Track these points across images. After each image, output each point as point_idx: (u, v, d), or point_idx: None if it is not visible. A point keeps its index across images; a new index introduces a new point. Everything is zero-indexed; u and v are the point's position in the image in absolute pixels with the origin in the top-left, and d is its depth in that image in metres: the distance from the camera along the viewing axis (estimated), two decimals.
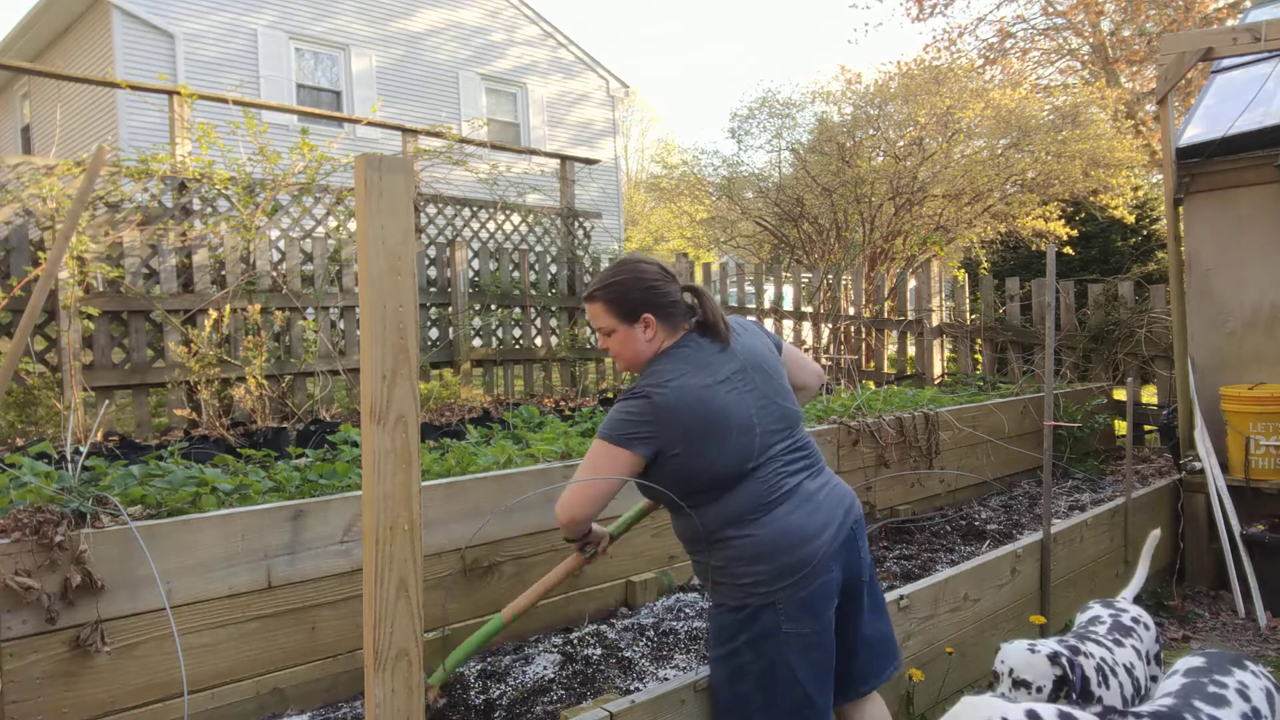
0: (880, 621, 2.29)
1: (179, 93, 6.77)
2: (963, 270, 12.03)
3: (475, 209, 8.67)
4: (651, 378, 2.12)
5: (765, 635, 2.05)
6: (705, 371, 2.11)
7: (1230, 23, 14.74)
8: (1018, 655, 2.37)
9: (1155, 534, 3.28)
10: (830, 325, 8.83)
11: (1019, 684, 2.32)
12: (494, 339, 7.97)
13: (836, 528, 2.13)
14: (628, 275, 2.20)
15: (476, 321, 7.73)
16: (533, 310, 8.20)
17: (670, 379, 2.09)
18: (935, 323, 8.17)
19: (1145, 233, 13.66)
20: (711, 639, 2.18)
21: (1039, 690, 2.30)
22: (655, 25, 66.40)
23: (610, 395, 7.91)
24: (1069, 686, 2.31)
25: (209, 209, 6.57)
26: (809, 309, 9.16)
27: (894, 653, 2.32)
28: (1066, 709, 1.86)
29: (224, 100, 6.99)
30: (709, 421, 2.06)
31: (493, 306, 7.85)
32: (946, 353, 8.27)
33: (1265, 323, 4.93)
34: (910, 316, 8.42)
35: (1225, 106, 5.20)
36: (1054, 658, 2.33)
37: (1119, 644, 2.59)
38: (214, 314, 5.90)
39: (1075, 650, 2.44)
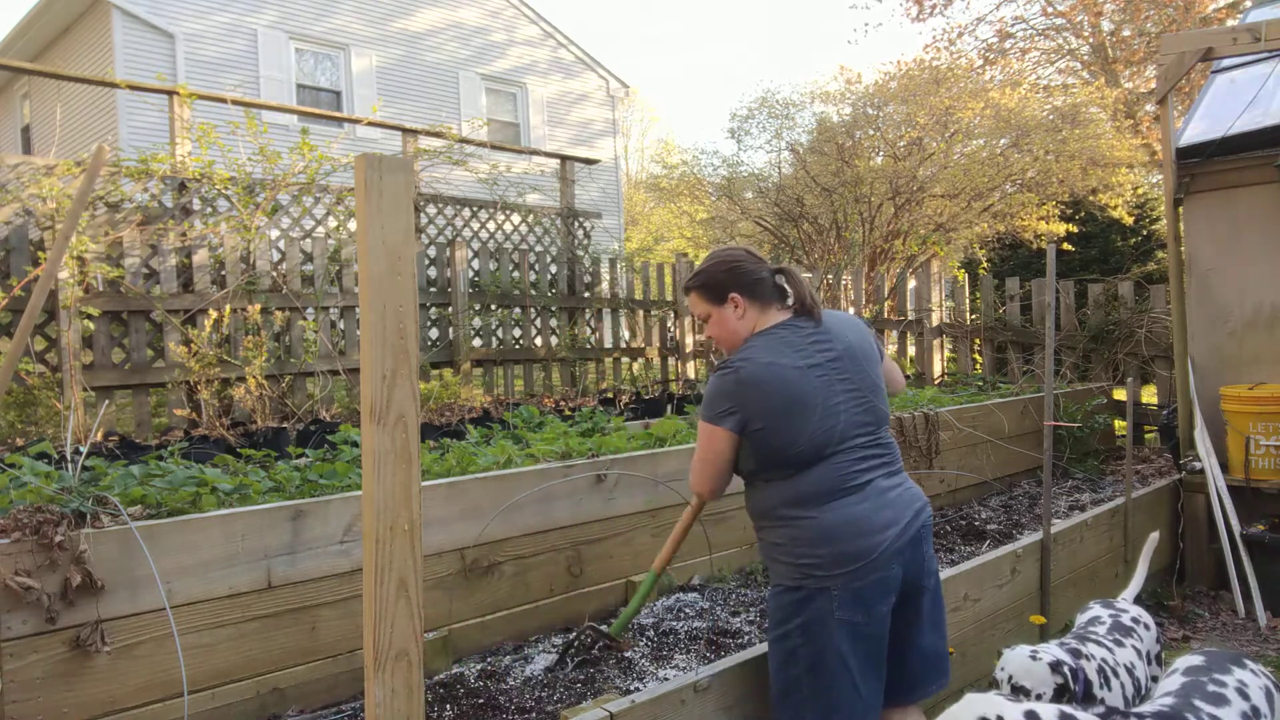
0: (938, 638, 2.29)
1: (179, 93, 6.76)
2: (963, 270, 12.03)
3: (475, 209, 8.67)
4: (743, 352, 2.22)
5: (817, 620, 2.09)
6: (797, 354, 2.18)
7: (1230, 23, 14.73)
8: (1018, 662, 2.34)
9: (1154, 536, 3.28)
10: None
11: (1018, 691, 2.31)
12: (494, 339, 7.96)
13: (902, 527, 2.15)
14: (713, 261, 2.35)
15: (476, 321, 7.72)
16: (533, 310, 8.19)
17: (759, 355, 2.18)
18: (935, 323, 8.17)
19: (1145, 233, 13.66)
20: (769, 620, 2.23)
21: (1038, 698, 2.28)
22: (655, 25, 66.35)
23: (610, 395, 7.90)
24: (1070, 694, 2.29)
25: (209, 209, 6.57)
26: None
27: (944, 671, 2.30)
28: (1069, 710, 1.86)
29: (224, 100, 6.99)
30: (792, 401, 2.12)
31: (493, 306, 7.84)
32: (946, 353, 8.27)
33: (1265, 323, 4.93)
34: (910, 316, 8.42)
35: (1225, 106, 5.20)
36: (1056, 666, 2.31)
37: (1119, 644, 2.58)
38: (214, 314, 5.89)
39: (1077, 654, 2.42)
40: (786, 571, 2.16)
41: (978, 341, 7.87)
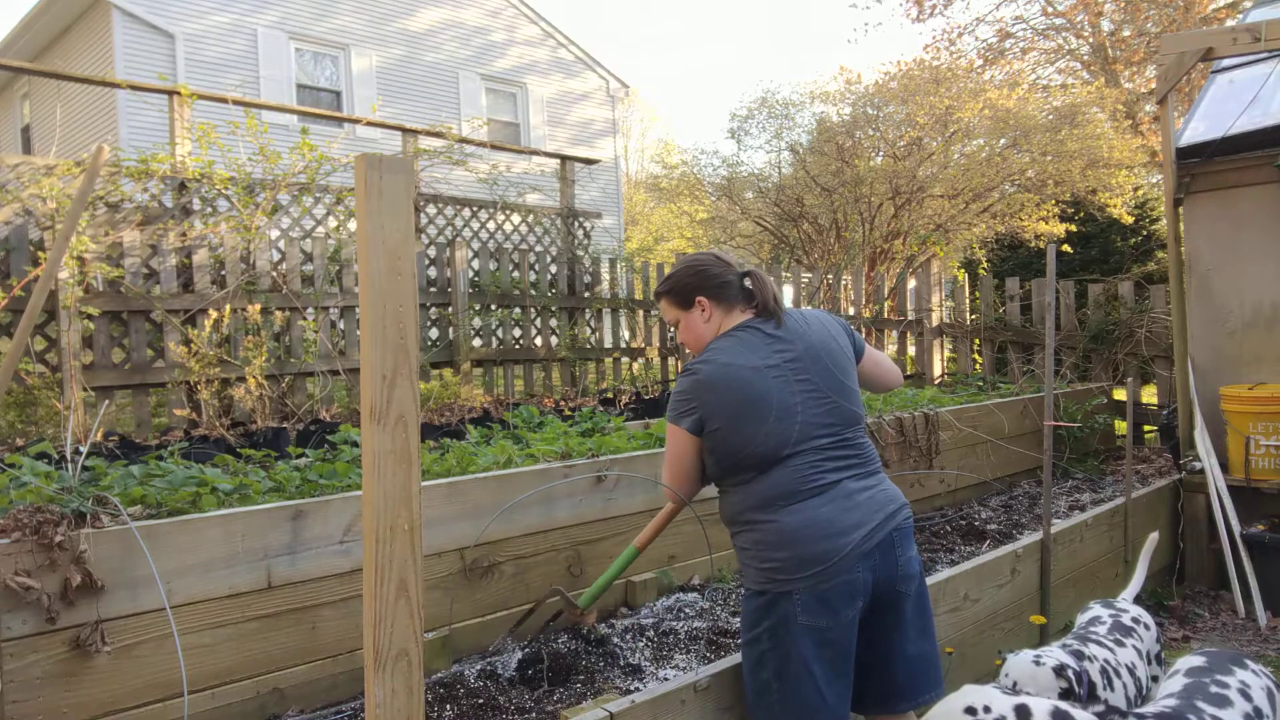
0: (927, 645, 2.24)
1: (179, 93, 6.76)
2: (963, 270, 12.03)
3: (475, 209, 8.67)
4: (704, 354, 2.27)
5: (782, 624, 2.08)
6: (754, 355, 2.20)
7: (1230, 23, 14.73)
8: (1021, 667, 2.32)
9: (1154, 537, 3.28)
10: None
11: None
12: (494, 339, 7.96)
13: (871, 530, 2.11)
14: (682, 267, 2.41)
15: (476, 321, 7.72)
16: (533, 310, 8.19)
17: (716, 357, 2.22)
18: (935, 323, 8.17)
19: (1145, 233, 13.64)
20: (741, 625, 2.24)
21: None
22: (655, 25, 66.36)
23: (610, 395, 7.90)
24: (1075, 697, 2.28)
25: (209, 209, 6.56)
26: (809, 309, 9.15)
27: (936, 680, 2.25)
28: (1064, 707, 1.86)
29: (224, 100, 6.99)
30: (747, 401, 2.14)
31: (493, 306, 7.84)
32: (946, 353, 8.27)
33: (1265, 323, 4.93)
34: (910, 316, 8.42)
35: (1225, 106, 5.20)
36: (1060, 670, 2.29)
37: (1120, 644, 2.58)
38: (214, 314, 5.89)
39: (1080, 656, 2.41)
40: (754, 576, 2.16)
41: (978, 341, 7.87)
